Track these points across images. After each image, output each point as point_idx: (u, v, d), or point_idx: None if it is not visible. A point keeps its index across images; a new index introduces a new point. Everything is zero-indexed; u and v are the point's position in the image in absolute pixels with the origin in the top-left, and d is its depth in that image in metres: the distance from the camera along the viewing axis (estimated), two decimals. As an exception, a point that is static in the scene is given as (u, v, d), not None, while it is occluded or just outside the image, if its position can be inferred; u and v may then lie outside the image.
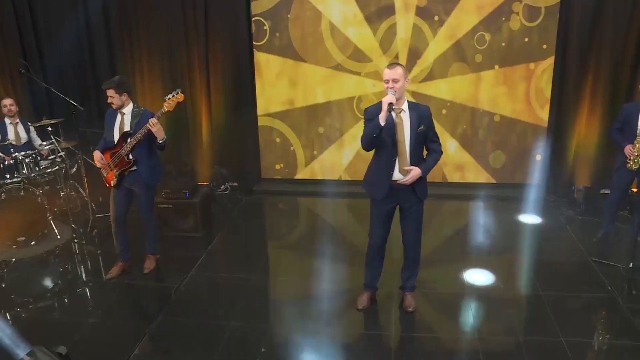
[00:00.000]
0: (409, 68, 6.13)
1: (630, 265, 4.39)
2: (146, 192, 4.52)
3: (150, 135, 4.21)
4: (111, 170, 4.37)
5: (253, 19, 6.26)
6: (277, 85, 6.48)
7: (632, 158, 4.60)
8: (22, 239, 5.27)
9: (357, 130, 6.37)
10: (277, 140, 6.68)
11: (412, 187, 3.64)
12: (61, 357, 2.91)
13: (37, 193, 5.32)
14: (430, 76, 6.22)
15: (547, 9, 5.86)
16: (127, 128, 4.33)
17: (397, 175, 3.62)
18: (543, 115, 6.19)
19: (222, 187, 6.69)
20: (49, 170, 5.52)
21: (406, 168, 3.57)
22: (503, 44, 6.03)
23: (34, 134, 5.84)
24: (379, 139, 3.49)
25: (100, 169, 4.44)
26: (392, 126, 3.51)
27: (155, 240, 4.78)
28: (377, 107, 3.56)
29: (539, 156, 6.29)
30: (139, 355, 3.53)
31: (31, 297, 4.33)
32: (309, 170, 6.77)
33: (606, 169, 5.88)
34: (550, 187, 6.27)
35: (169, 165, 6.28)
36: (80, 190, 5.97)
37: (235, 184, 6.78)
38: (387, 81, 3.47)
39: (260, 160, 6.78)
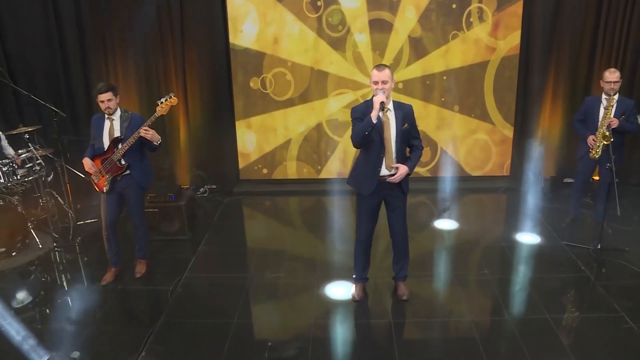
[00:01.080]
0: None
1: (599, 246, 4.75)
2: (138, 196, 4.53)
3: (141, 139, 4.22)
4: (103, 176, 4.35)
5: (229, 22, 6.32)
6: (253, 86, 6.55)
7: (594, 148, 4.98)
8: (2, 250, 5.14)
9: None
10: (255, 141, 6.76)
11: (396, 182, 3.84)
12: None
13: (15, 202, 5.21)
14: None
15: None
16: (117, 133, 4.33)
17: (383, 171, 3.80)
18: (510, 112, 6.55)
19: (202, 189, 6.72)
20: (27, 178, 5.39)
21: (394, 166, 3.77)
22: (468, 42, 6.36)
23: (4, 142, 5.69)
24: (369, 137, 3.67)
25: (91, 175, 4.40)
26: (380, 124, 3.69)
27: (147, 244, 4.78)
28: (364, 106, 3.76)
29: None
30: (146, 357, 3.56)
31: (26, 306, 4.26)
32: (287, 170, 6.89)
33: (569, 160, 6.32)
34: (519, 177, 6.64)
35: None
36: (59, 198, 5.85)
37: (214, 186, 6.82)
38: (376, 82, 3.65)
39: (238, 161, 6.83)
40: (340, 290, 4.36)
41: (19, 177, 5.30)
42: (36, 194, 5.74)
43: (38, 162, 5.50)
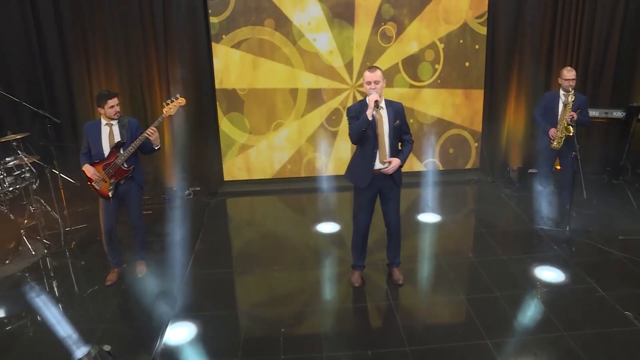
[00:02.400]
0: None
1: (567, 228, 5.25)
2: (139, 196, 4.65)
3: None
4: (105, 182, 4.41)
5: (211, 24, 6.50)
6: (236, 87, 6.75)
7: (556, 139, 5.48)
8: (-4, 258, 5.15)
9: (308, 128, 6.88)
10: (239, 142, 6.96)
11: (391, 174, 4.17)
12: (108, 354, 3.13)
13: (5, 210, 5.20)
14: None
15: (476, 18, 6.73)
16: (117, 138, 4.41)
17: (378, 165, 4.11)
18: (478, 109, 7.04)
19: (186, 191, 6.84)
20: (17, 186, 5.39)
21: (387, 160, 4.09)
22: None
23: None
24: (365, 133, 3.98)
25: (92, 182, 4.44)
26: (374, 121, 4.00)
27: (147, 245, 4.90)
28: (358, 106, 4.08)
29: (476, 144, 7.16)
30: (166, 348, 3.73)
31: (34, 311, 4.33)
32: (270, 170, 7.12)
33: (533, 152, 6.85)
34: (488, 170, 7.14)
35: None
36: (45, 205, 5.84)
37: (198, 188, 6.95)
38: (369, 82, 3.95)
39: (222, 163, 7.00)
40: (341, 279, 4.66)
41: (7, 185, 5.30)
42: (23, 202, 5.75)
43: (27, 169, 5.52)
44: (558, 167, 6.01)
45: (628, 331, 3.77)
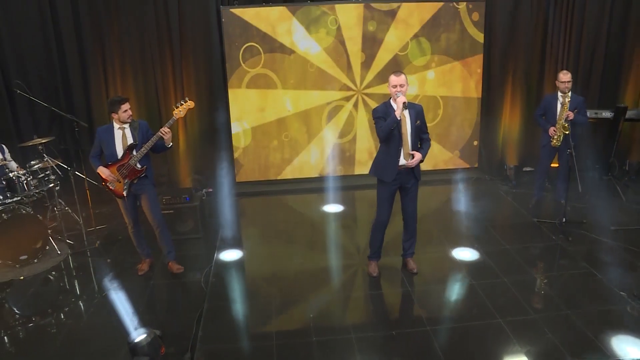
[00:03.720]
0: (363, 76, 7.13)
1: (564, 220, 5.66)
2: (154, 194, 4.91)
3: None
4: (119, 182, 4.69)
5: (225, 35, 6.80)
6: (248, 94, 7.06)
7: (555, 137, 5.90)
8: (24, 257, 5.36)
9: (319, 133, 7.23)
10: (250, 145, 7.26)
11: (412, 170, 4.52)
12: (160, 338, 3.43)
13: (31, 211, 5.42)
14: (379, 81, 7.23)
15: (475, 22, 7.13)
16: (130, 140, 4.69)
17: (402, 161, 4.47)
18: (476, 110, 7.45)
19: (199, 193, 7.10)
20: (43, 188, 5.63)
21: (411, 152, 4.44)
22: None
23: (8, 155, 5.85)
24: (392, 132, 4.33)
25: (107, 183, 4.71)
26: (399, 121, 4.35)
27: (173, 243, 5.13)
28: (383, 107, 4.43)
29: (476, 142, 7.56)
30: (203, 337, 4.02)
31: (71, 304, 4.63)
32: (281, 171, 7.43)
33: (528, 151, 7.30)
34: (486, 168, 7.54)
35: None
36: (67, 207, 6.08)
37: (211, 189, 7.22)
38: (395, 86, 4.30)
39: (234, 164, 7.30)
40: (358, 269, 5.00)
41: (33, 187, 5.52)
42: (46, 204, 5.99)
43: (48, 172, 5.75)
44: (554, 165, 6.43)
45: (624, 309, 4.18)
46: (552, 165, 6.44)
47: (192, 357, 3.76)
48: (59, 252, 5.62)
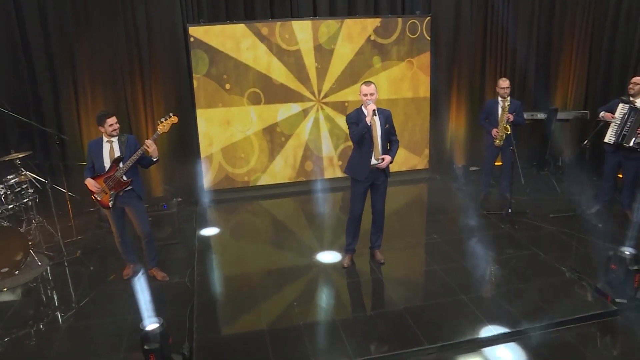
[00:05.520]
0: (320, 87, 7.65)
1: (509, 210, 6.36)
2: (142, 206, 5.17)
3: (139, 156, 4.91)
4: (106, 193, 4.94)
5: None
6: (214, 106, 7.40)
7: (498, 137, 6.62)
8: (5, 269, 5.46)
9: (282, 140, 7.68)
10: (218, 155, 7.59)
11: (383, 169, 5.04)
12: (163, 326, 3.75)
13: (7, 224, 5.51)
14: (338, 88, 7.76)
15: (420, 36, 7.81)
16: (117, 153, 4.95)
17: (373, 161, 4.98)
18: (425, 115, 8.12)
19: (173, 201, 7.35)
20: (21, 201, 5.75)
21: (381, 156, 4.96)
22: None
23: None
24: (365, 136, 4.84)
25: (94, 194, 4.97)
26: (370, 126, 4.86)
27: (157, 252, 5.41)
28: (356, 113, 4.93)
29: (426, 150, 8.24)
30: (198, 328, 4.35)
31: (58, 313, 4.84)
32: (250, 179, 7.79)
33: (473, 152, 8.04)
34: (436, 169, 8.23)
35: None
36: (43, 220, 6.18)
37: (180, 199, 7.49)
38: (365, 95, 4.80)
39: (203, 173, 7.58)
40: (333, 262, 5.48)
41: (10, 201, 5.65)
42: (22, 217, 6.09)
43: (25, 186, 5.88)
44: (498, 164, 7.16)
45: (566, 281, 4.88)
46: (496, 163, 7.17)
47: (191, 346, 4.10)
48: (39, 264, 5.74)
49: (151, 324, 3.63)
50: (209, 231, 6.49)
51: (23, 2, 6.40)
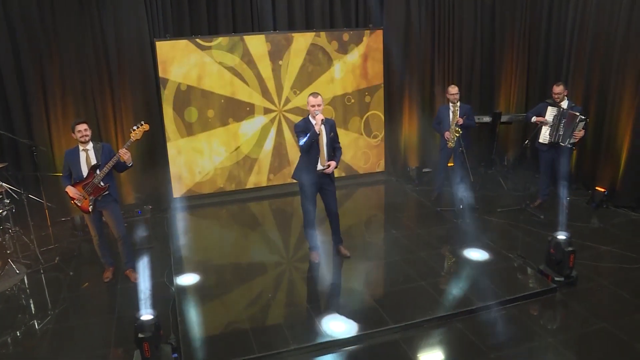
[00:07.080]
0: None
1: (461, 206, 6.95)
2: (118, 209, 5.48)
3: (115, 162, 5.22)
4: (85, 199, 5.23)
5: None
6: (181, 114, 7.69)
7: (450, 140, 7.22)
8: (-19, 279, 5.60)
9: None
10: (185, 163, 7.88)
11: (328, 174, 5.47)
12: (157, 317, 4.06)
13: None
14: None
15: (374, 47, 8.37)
16: (94, 161, 5.26)
17: (319, 167, 5.41)
18: (381, 121, 8.68)
19: (145, 208, 7.57)
20: (0, 212, 5.88)
21: (327, 163, 5.40)
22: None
23: None
24: (312, 143, 5.26)
25: (74, 200, 5.25)
26: (317, 134, 5.30)
27: (133, 253, 5.69)
28: (303, 122, 5.34)
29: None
30: (182, 321, 4.67)
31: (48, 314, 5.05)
32: (218, 186, 8.11)
33: (426, 154, 8.69)
34: (392, 171, 8.80)
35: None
36: (17, 229, 6.29)
37: (150, 206, 7.71)
38: (313, 105, 5.21)
39: (171, 181, 7.84)
40: (304, 259, 5.90)
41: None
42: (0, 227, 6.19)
43: (1, 197, 6.01)
44: (450, 164, 7.75)
45: (511, 265, 5.51)
46: (448, 164, 7.78)
47: (178, 339, 4.41)
48: (17, 272, 5.87)
49: (147, 314, 3.93)
50: (182, 235, 6.78)
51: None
